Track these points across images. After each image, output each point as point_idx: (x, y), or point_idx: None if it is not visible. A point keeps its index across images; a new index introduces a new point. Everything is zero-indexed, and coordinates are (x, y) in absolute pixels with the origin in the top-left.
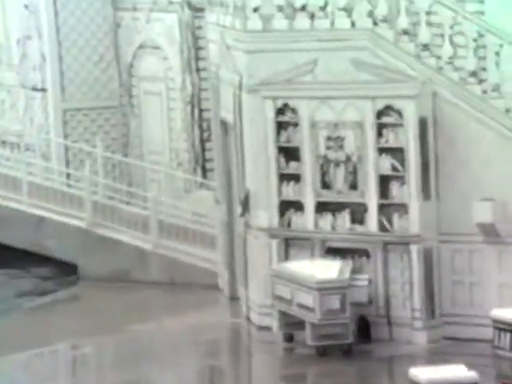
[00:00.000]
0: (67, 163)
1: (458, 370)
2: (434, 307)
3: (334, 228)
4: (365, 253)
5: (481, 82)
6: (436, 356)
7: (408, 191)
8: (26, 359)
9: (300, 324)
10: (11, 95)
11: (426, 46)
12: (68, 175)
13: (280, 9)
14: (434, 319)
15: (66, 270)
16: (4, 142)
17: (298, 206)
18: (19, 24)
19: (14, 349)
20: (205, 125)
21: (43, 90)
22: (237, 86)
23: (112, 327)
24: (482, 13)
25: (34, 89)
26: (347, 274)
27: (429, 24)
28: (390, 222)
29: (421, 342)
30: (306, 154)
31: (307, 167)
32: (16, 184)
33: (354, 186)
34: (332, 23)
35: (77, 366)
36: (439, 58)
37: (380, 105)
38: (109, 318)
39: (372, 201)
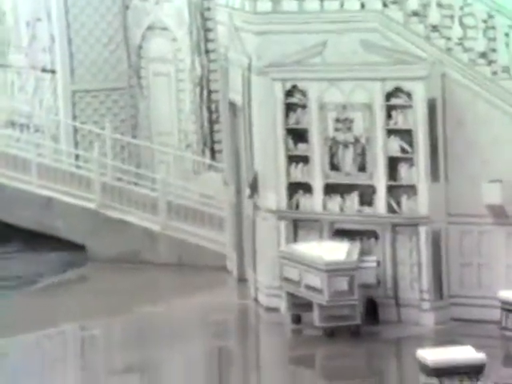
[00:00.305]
0: (76, 145)
1: (466, 352)
2: (441, 289)
3: (342, 210)
4: (373, 234)
5: (490, 63)
6: (444, 337)
7: (417, 173)
8: (35, 340)
9: (308, 305)
10: (21, 77)
11: (435, 28)
12: (77, 156)
13: None
14: (441, 300)
15: (75, 251)
16: (13, 124)
17: (306, 188)
18: (29, 6)
19: (22, 330)
20: (213, 106)
21: (52, 71)
22: (246, 67)
23: (120, 308)
24: None
25: (44, 70)
26: (355, 256)
27: (439, 5)
28: (398, 203)
29: (428, 323)
30: (315, 136)
31: (316, 149)
32: (25, 165)
33: (362, 168)
34: (341, 5)
35: (85, 348)
36: (449, 39)
37: (389, 86)
38: (117, 299)
39: (380, 182)
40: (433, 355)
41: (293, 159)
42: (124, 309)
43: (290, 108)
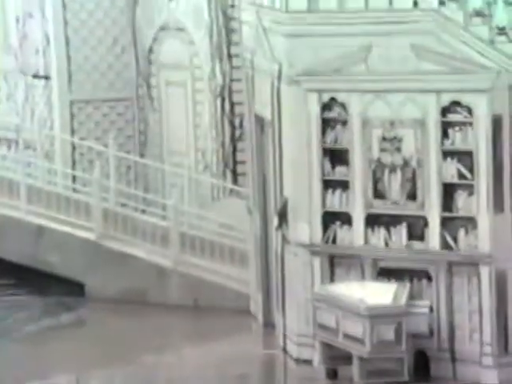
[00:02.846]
0: (73, 164)
1: None
2: (507, 341)
3: (387, 245)
4: (425, 275)
5: None
6: None
7: (477, 202)
8: None
9: (346, 358)
10: (8, 83)
11: (502, 30)
12: (74, 178)
13: None
14: (507, 355)
15: (71, 290)
16: None
17: (345, 219)
18: None
19: (8, 382)
20: (237, 121)
21: (46, 77)
22: (275, 76)
23: (124, 358)
24: None
25: (36, 76)
26: (404, 300)
27: (507, 3)
28: (454, 238)
29: (491, 382)
30: (356, 157)
31: (357, 173)
32: (13, 188)
33: (412, 196)
34: (390, 2)
35: None
36: None
37: (446, 100)
38: (119, 347)
39: (434, 213)
40: None
41: (330, 184)
42: (127, 358)
43: (327, 124)
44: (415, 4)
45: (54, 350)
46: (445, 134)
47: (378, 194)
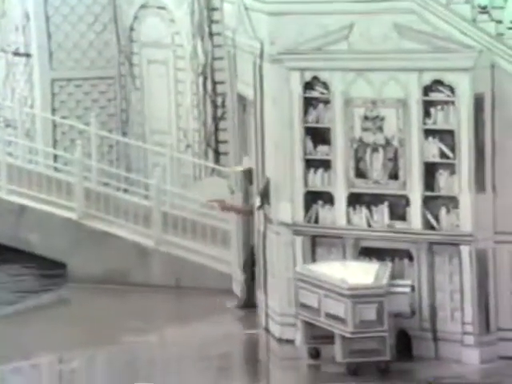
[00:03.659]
0: (55, 143)
1: None
2: (488, 320)
3: (369, 224)
4: (406, 254)
5: None
6: (490, 378)
7: (458, 182)
8: (2, 375)
9: (328, 337)
10: None
11: (484, 9)
12: (55, 157)
13: None
14: (488, 334)
15: (53, 270)
16: None
17: (327, 198)
18: None
19: None
20: (219, 100)
21: (27, 55)
22: (257, 54)
23: (105, 338)
24: None
25: (16, 53)
26: (385, 280)
27: None
28: (436, 218)
29: (472, 361)
30: (338, 137)
31: (339, 152)
32: None
33: (394, 175)
34: None
35: None
36: (500, 22)
37: (427, 79)
38: (102, 326)
39: (415, 193)
40: None
41: (312, 164)
42: (110, 339)
43: (309, 103)
44: None
45: (36, 330)
46: (427, 113)
47: (360, 174)
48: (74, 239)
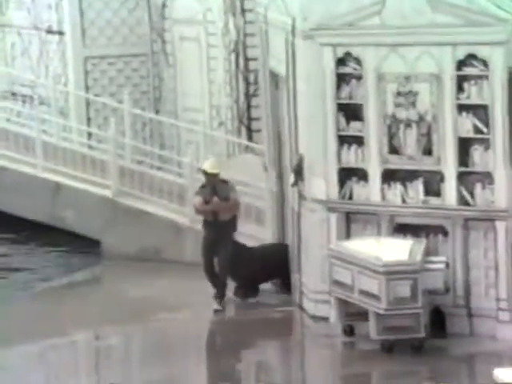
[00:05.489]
0: (88, 121)
1: None
2: None
3: (404, 201)
4: (441, 230)
5: None
6: None
7: (493, 157)
8: (40, 352)
9: (362, 314)
10: (22, 39)
11: None
12: (89, 135)
13: None
14: None
15: (87, 247)
16: (14, 94)
17: (361, 175)
18: None
19: (25, 340)
20: (251, 77)
21: (60, 32)
22: (289, 30)
23: (140, 315)
24: None
25: (49, 31)
26: (419, 256)
27: None
28: (471, 193)
29: (507, 337)
30: (371, 113)
31: (372, 128)
32: (28, 144)
33: (428, 151)
34: None
35: (100, 361)
36: None
37: (461, 53)
38: (136, 303)
39: (450, 169)
40: None
41: (345, 140)
42: (144, 315)
43: (342, 79)
44: None
45: (71, 307)
46: (460, 88)
47: (394, 150)
48: (108, 217)
